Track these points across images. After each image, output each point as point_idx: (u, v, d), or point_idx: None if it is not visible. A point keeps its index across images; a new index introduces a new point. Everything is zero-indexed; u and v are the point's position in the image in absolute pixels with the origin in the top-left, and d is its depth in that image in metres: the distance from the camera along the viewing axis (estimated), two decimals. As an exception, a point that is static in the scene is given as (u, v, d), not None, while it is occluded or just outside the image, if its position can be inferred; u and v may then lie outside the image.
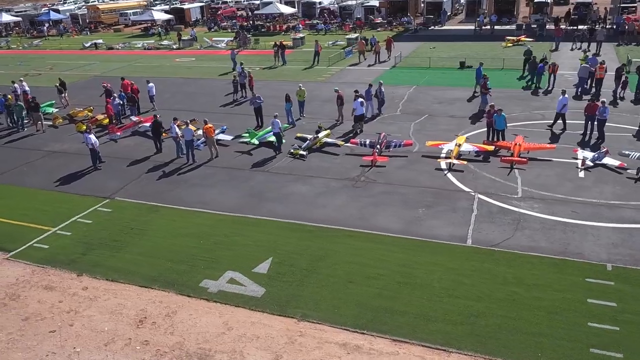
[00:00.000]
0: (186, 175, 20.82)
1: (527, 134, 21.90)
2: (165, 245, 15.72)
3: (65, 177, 21.34)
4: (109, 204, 18.72)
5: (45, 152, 24.40)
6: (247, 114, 27.64)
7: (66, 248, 15.89)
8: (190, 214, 17.62)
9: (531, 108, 26.36)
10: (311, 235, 15.78)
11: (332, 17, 61.82)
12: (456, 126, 24.37)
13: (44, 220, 17.67)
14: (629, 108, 25.76)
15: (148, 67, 43.61)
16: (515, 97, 28.30)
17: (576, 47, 40.33)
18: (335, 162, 21.18)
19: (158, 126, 23.11)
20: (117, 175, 21.16)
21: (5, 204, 19.23)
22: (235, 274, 14.05)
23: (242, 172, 20.68)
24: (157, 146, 23.38)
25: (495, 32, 49.36)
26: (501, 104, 25.93)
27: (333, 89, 26.72)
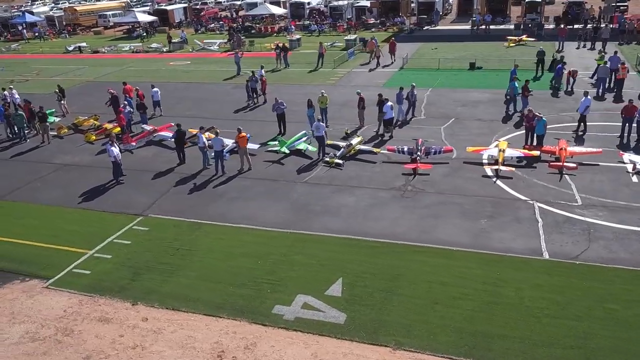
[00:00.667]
0: (220, 188, 19.65)
1: (559, 137, 21.40)
2: (221, 267, 14.60)
3: (86, 193, 19.94)
4: (144, 221, 17.45)
5: (56, 165, 22.86)
6: (263, 120, 26.70)
7: (111, 273, 14.61)
8: (237, 231, 16.52)
9: (557, 110, 25.95)
10: (375, 252, 14.88)
11: (322, 18, 60.87)
12: (488, 130, 23.78)
13: (77, 242, 16.33)
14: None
15: (142, 71, 41.97)
16: (537, 98, 27.79)
17: (581, 46, 40.34)
18: (375, 171, 20.31)
19: (182, 136, 21.86)
20: (144, 190, 19.86)
21: (29, 224, 17.77)
22: (308, 298, 13.05)
23: (279, 184, 19.63)
24: (181, 157, 22.10)
25: (491, 32, 49.22)
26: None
27: (355, 92, 25.88)
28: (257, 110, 29.32)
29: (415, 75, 34.53)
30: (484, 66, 35.52)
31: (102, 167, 22.17)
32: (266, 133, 24.73)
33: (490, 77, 32.83)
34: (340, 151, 21.31)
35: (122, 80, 37.20)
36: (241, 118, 27.94)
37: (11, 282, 14.54)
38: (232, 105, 30.35)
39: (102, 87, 36.71)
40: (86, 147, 25.01)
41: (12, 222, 17.96)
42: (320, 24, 55.93)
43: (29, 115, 26.67)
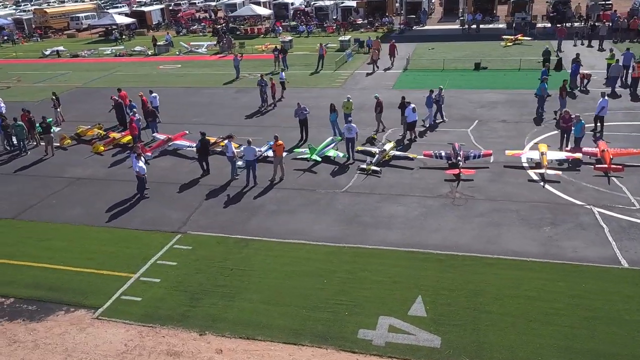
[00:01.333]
0: (257, 200, 18.58)
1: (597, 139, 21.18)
2: (285, 288, 13.61)
3: (110, 209, 18.57)
4: (184, 239, 16.27)
5: (68, 180, 21.34)
6: (279, 126, 25.67)
7: (165, 299, 13.44)
8: (289, 247, 15.53)
9: (578, 110, 25.59)
10: (445, 265, 14.14)
11: (307, 19, 59.96)
12: (516, 132, 23.39)
13: (117, 265, 15.06)
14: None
15: (132, 75, 40.28)
16: (554, 98, 27.56)
17: (579, 44, 40.60)
18: (415, 177, 19.58)
19: (207, 145, 20.65)
20: (173, 204, 18.63)
21: (56, 246, 16.34)
22: (392, 320, 12.20)
23: (318, 194, 18.69)
24: (204, 167, 20.91)
25: (482, 32, 49.23)
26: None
27: (371, 95, 25.21)
28: (269, 115, 28.25)
29: (422, 77, 34.11)
30: (487, 66, 35.18)
31: (119, 181, 20.86)
32: (286, 140, 23.62)
33: (498, 77, 32.57)
34: (375, 157, 20.51)
35: (112, 85, 36.05)
36: (255, 124, 26.88)
37: (54, 314, 13.21)
38: (241, 111, 29.21)
39: (94, 93, 35.24)
40: (95, 158, 23.52)
41: (37, 245, 16.51)
42: (309, 25, 54.91)
43: (29, 125, 24.93)
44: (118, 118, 27.42)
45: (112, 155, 23.75)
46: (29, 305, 13.62)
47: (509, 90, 29.50)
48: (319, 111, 26.36)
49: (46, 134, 23.70)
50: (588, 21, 49.31)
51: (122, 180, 20.97)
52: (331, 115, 23.56)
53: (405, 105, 23.17)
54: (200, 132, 20.98)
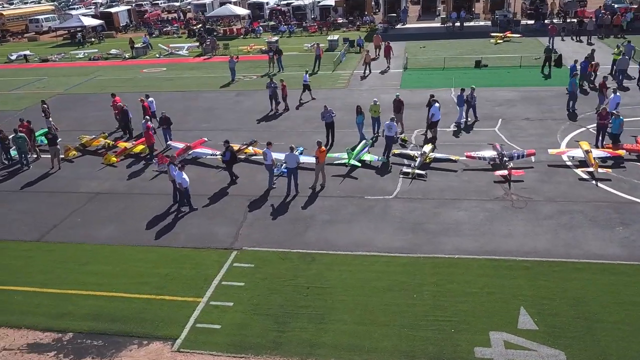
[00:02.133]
0: (306, 210, 17.58)
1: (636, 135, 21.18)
2: (375, 305, 12.76)
3: (148, 226, 17.20)
4: (242, 257, 15.13)
5: (86, 195, 19.71)
6: (297, 129, 24.99)
7: (248, 325, 12.33)
8: (360, 260, 14.65)
9: (591, 105, 25.72)
10: (533, 273, 13.62)
11: (284, 18, 58.83)
12: (544, 129, 23.22)
13: (178, 289, 13.81)
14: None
15: (116, 80, 38.22)
16: (564, 95, 27.65)
17: (568, 39, 41.20)
18: (463, 180, 19.01)
19: (235, 153, 19.44)
20: (214, 218, 17.42)
21: (101, 270, 14.90)
22: (504, 335, 11.54)
23: (369, 201, 17.88)
24: (233, 177, 19.70)
25: (465, 29, 49.41)
26: (559, 102, 25.35)
27: (395, 95, 24.47)
28: (282, 119, 27.12)
29: (427, 76, 33.76)
30: (490, 64, 35.10)
31: (145, 194, 19.45)
32: (310, 144, 22.64)
33: (502, 75, 32.53)
34: (418, 161, 19.83)
35: (97, 91, 34.26)
36: (270, 128, 25.71)
37: (127, 349, 11.89)
38: (248, 115, 27.98)
39: (80, 100, 33.28)
40: (108, 170, 21.90)
41: (78, 270, 14.99)
42: (290, 25, 53.80)
43: (29, 136, 23.02)
44: (122, 125, 25.75)
45: (127, 167, 22.16)
46: (94, 340, 12.24)
47: (520, 87, 29.42)
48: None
49: (53, 146, 21.88)
50: (565, 17, 50.32)
51: (147, 193, 19.53)
52: (357, 117, 22.74)
53: (431, 103, 22.61)
54: (225, 140, 19.72)
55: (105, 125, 26.79)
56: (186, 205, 17.79)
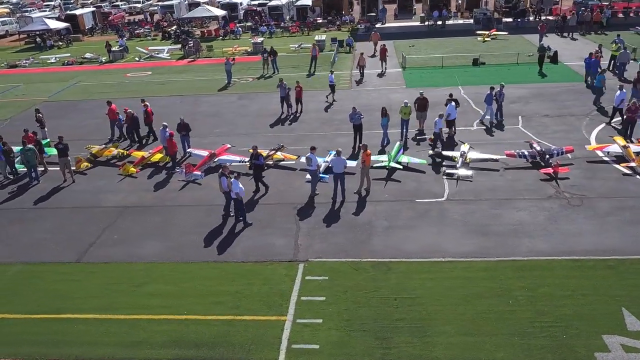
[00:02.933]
0: (360, 217, 16.97)
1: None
2: (473, 314, 12.33)
3: (197, 240, 16.19)
4: (312, 269, 14.40)
5: (115, 210, 18.43)
6: (315, 133, 24.28)
7: (349, 343, 11.65)
8: (437, 267, 14.20)
9: (606, 102, 26.13)
10: (620, 272, 13.58)
11: (260, 19, 57.74)
12: (567, 126, 23.43)
13: (256, 308, 12.99)
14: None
15: (102, 85, 36.37)
16: (575, 91, 28.11)
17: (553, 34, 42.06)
18: (509, 179, 18.82)
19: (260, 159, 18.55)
20: (266, 229, 16.60)
21: (162, 291, 13.85)
22: (618, 338, 11.37)
23: (421, 204, 17.48)
24: (262, 186, 18.77)
25: (447, 28, 49.70)
26: (570, 98, 25.51)
27: (419, 92, 24.13)
28: (297, 121, 26.34)
29: (428, 74, 33.61)
30: (488, 62, 35.27)
31: (178, 206, 18.43)
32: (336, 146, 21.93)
33: (504, 72, 32.71)
34: (460, 161, 19.50)
35: (84, 97, 32.86)
36: (288, 132, 24.93)
37: (224, 377, 10.93)
38: (259, 118, 27.09)
39: (69, 107, 31.66)
40: (129, 182, 20.62)
41: (135, 292, 13.89)
42: (270, 25, 52.78)
43: (40, 149, 21.47)
44: (130, 133, 24.37)
45: (148, 177, 20.91)
46: (184, 370, 11.20)
47: (526, 84, 29.61)
48: (344, 115, 25.28)
49: (63, 157, 20.40)
50: (540, 15, 51.37)
51: (181, 205, 18.44)
52: (382, 119, 22.23)
53: (449, 102, 22.48)
54: (253, 147, 18.80)
55: (105, 134, 25.29)
56: (241, 218, 16.75)
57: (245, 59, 41.63)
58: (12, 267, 15.35)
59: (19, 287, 14.40)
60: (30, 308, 13.45)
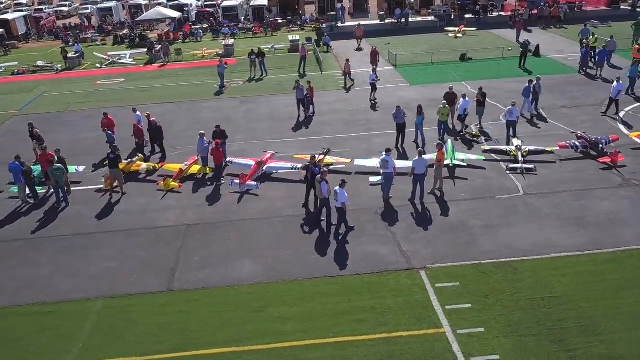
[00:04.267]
0: (450, 218, 16.59)
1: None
2: (628, 308, 12.30)
3: (295, 255, 15.12)
4: (437, 276, 13.85)
5: (176, 229, 16.87)
6: (344, 134, 23.72)
7: (529, 351, 11.27)
8: (561, 262, 14.14)
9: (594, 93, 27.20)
10: None
11: (215, 20, 55.75)
12: (591, 116, 24.25)
13: (405, 322, 12.31)
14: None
15: (75, 95, 33.44)
16: (575, 82, 29.23)
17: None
18: (570, 170, 19.16)
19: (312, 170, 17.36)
20: (359, 237, 15.80)
21: (288, 314, 12.74)
22: None
23: (504, 201, 17.33)
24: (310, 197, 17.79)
25: (411, 25, 50.35)
26: (574, 89, 26.68)
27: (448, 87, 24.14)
28: (319, 123, 25.49)
29: (422, 72, 33.68)
30: (475, 57, 35.94)
31: (251, 220, 17.27)
32: (377, 147, 21.56)
33: (495, 67, 33.55)
34: (519, 155, 19.57)
35: (61, 109, 30.43)
36: (317, 135, 23.98)
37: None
38: (276, 123, 26.01)
39: (51, 120, 28.68)
40: (175, 197, 18.99)
41: (259, 318, 12.71)
42: (232, 27, 51.00)
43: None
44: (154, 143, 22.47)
45: (193, 192, 19.34)
46: (371, 399, 10.24)
47: (522, 77, 30.01)
48: (363, 115, 25.32)
49: (114, 168, 18.55)
50: (493, 11, 53.23)
51: (249, 219, 17.17)
52: (417, 117, 21.90)
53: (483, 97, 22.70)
54: (312, 156, 17.89)
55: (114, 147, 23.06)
56: (342, 225, 15.78)
57: (211, 63, 39.70)
58: (93, 304, 13.52)
59: (116, 325, 12.70)
60: (149, 348, 11.87)
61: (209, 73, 36.00)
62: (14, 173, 18.69)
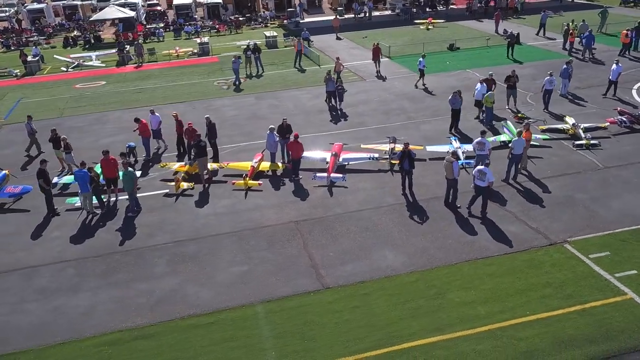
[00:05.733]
0: (556, 193, 17.05)
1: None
2: None
3: (434, 241, 14.89)
4: (584, 248, 14.20)
5: (286, 227, 16.06)
6: (387, 124, 23.70)
7: None
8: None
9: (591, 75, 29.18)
10: None
11: (165, 19, 53.44)
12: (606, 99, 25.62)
13: (587, 294, 12.53)
14: None
15: (60, 100, 30.69)
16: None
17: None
18: (631, 142, 20.29)
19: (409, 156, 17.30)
20: (483, 218, 15.79)
21: (473, 297, 12.56)
22: None
23: (593, 174, 18.07)
24: (409, 181, 17.71)
25: (373, 19, 51.13)
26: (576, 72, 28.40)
27: (488, 73, 24.79)
28: (352, 115, 25.24)
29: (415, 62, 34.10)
30: (462, 47, 37.08)
31: (353, 212, 16.71)
32: (431, 135, 21.87)
33: (484, 54, 35.01)
34: (580, 132, 20.53)
35: (54, 115, 28.10)
36: (362, 126, 23.78)
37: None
38: (311, 116, 25.56)
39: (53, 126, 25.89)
40: (261, 196, 18.05)
41: (445, 305, 12.41)
42: (196, 25, 49.02)
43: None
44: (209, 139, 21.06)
45: (275, 189, 18.56)
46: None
47: (516, 65, 31.34)
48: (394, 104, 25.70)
49: (202, 157, 17.96)
50: (448, 4, 55.33)
51: (355, 210, 16.69)
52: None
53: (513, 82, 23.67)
54: (405, 143, 17.59)
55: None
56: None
57: (198, 61, 38.33)
58: (253, 309, 12.56)
59: (298, 328, 11.89)
60: (353, 346, 11.25)
61: (197, 72, 34.78)
62: (80, 181, 16.91)
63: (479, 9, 50.40)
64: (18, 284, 13.97)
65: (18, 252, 15.46)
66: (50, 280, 14.07)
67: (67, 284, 13.83)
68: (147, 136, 21.13)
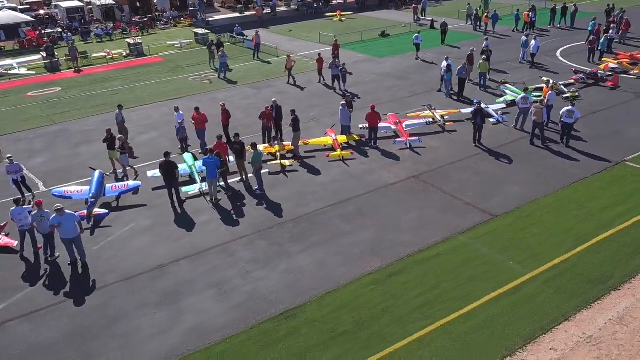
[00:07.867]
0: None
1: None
2: None
3: (512, 181, 18.25)
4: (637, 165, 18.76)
5: (413, 182, 18.37)
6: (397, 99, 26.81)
7: None
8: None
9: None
10: None
11: (56, 23, 49.82)
12: (545, 62, 31.84)
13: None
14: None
15: (34, 108, 28.29)
16: (494, 43, 37.10)
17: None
18: (592, 94, 25.89)
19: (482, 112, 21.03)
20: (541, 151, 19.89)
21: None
22: None
23: (584, 120, 22.83)
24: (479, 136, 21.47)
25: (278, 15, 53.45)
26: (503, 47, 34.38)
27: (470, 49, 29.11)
28: (365, 93, 27.74)
29: (372, 46, 37.79)
30: (391, 34, 41.27)
31: (455, 163, 19.42)
32: (451, 103, 25.61)
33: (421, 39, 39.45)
34: (561, 87, 25.78)
35: (41, 124, 26.22)
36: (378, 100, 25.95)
37: None
38: (323, 98, 27.48)
39: (57, 134, 24.73)
40: (356, 164, 19.92)
41: (570, 217, 15.97)
42: (106, 27, 46.46)
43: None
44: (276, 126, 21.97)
45: (365, 157, 20.56)
46: None
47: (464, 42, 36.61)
48: (388, 82, 29.06)
49: (297, 131, 20.11)
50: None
51: (450, 163, 19.43)
52: (447, 74, 26.31)
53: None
54: (477, 101, 21.00)
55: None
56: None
57: (142, 62, 37.40)
58: (456, 239, 14.84)
59: (506, 242, 14.43)
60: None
61: (154, 72, 34.40)
62: (208, 167, 17.24)
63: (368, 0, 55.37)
64: (224, 260, 14.28)
65: (183, 238, 15.48)
66: (251, 252, 14.57)
67: (272, 251, 14.51)
68: (201, 128, 21.38)
